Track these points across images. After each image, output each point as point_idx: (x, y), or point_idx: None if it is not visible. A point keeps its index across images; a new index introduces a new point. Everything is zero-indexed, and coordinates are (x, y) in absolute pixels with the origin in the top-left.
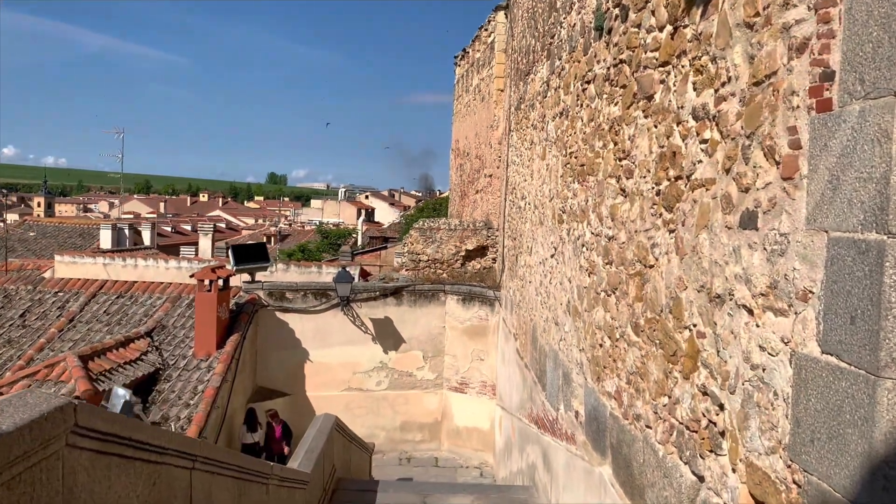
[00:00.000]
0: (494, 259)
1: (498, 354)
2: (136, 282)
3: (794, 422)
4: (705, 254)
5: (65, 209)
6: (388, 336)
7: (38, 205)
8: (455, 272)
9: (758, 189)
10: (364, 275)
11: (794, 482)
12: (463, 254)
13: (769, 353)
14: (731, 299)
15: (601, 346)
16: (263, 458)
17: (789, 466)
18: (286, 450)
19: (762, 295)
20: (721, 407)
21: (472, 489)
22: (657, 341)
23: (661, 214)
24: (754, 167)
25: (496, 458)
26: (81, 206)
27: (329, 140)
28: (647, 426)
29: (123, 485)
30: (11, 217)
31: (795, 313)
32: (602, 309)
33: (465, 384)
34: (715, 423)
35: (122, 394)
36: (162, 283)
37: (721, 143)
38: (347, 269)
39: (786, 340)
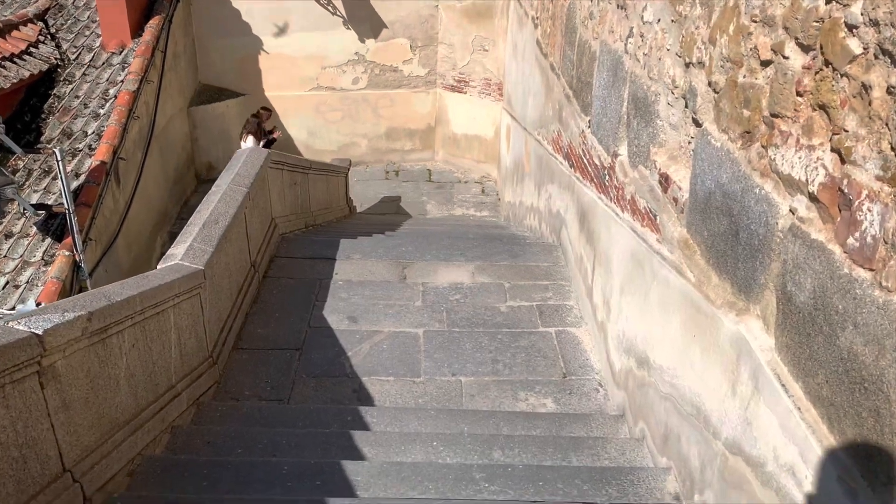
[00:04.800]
0: None
1: (508, 44)
2: None
3: None
4: None
5: None
6: (363, 19)
7: None
8: None
9: None
10: None
11: None
12: None
13: None
14: None
15: (763, 66)
16: None
17: None
18: None
19: None
20: None
21: (473, 251)
22: None
23: None
24: None
25: (501, 174)
26: None
27: None
28: None
29: None
30: None
31: None
32: None
33: (465, 82)
34: None
35: None
36: None
37: None
38: None
39: None
